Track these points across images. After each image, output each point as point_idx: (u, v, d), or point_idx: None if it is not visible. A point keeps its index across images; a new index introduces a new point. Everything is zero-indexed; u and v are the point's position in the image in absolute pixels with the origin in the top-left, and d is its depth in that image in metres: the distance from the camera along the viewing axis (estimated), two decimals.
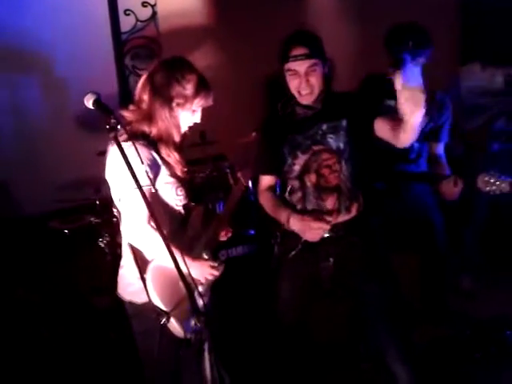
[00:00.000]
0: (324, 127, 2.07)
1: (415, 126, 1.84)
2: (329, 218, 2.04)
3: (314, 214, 2.07)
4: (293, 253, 2.13)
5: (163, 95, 1.77)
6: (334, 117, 2.07)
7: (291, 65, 2.02)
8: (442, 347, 2.79)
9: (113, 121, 1.50)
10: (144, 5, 4.22)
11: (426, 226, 2.92)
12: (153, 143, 1.75)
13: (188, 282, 1.43)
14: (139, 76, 4.29)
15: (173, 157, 1.80)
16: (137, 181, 1.63)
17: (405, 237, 2.86)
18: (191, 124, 1.89)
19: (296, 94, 2.08)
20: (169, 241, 1.66)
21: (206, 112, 3.80)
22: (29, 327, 3.04)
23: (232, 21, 4.46)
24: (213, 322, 1.42)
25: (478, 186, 2.12)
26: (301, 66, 2.01)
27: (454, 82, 3.57)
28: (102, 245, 3.17)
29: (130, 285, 1.82)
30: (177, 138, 1.84)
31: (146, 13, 4.23)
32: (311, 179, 2.09)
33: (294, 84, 2.05)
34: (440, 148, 2.95)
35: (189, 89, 1.78)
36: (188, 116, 1.84)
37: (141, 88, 1.82)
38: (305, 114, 2.12)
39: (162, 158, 1.76)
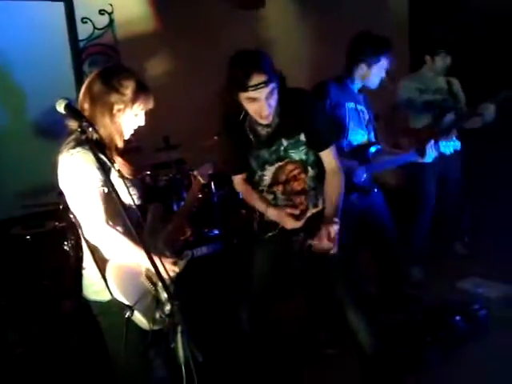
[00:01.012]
0: (285, 143, 2.20)
1: None
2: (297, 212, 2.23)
3: (291, 210, 2.24)
4: (269, 234, 2.32)
5: (102, 103, 1.82)
6: (292, 132, 2.19)
7: (251, 94, 2.00)
8: (396, 331, 2.96)
9: (84, 124, 1.58)
10: (101, 12, 4.27)
11: (376, 223, 3.12)
12: (99, 147, 1.74)
13: (159, 272, 1.52)
14: None
15: (117, 162, 1.84)
16: (91, 182, 1.74)
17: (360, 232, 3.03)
18: (135, 127, 1.94)
19: (256, 117, 2.11)
20: (130, 237, 1.76)
21: (168, 117, 3.91)
22: None
23: (189, 27, 4.56)
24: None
25: None
26: (261, 93, 2.00)
27: (399, 86, 3.80)
28: (67, 248, 3.19)
29: (93, 285, 1.88)
30: (120, 143, 1.89)
31: (103, 20, 4.28)
32: (279, 188, 2.28)
33: (253, 109, 2.07)
34: None
35: (127, 94, 1.83)
36: (131, 120, 1.90)
37: (82, 97, 1.87)
38: (266, 133, 2.21)
39: (109, 160, 1.77)
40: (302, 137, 2.19)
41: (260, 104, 2.03)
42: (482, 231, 4.23)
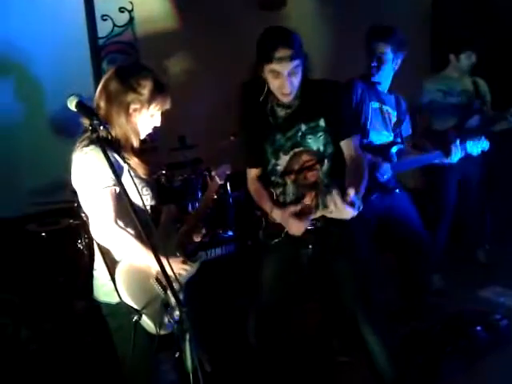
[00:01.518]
0: (303, 128, 2.12)
1: None
2: (307, 214, 2.10)
3: (294, 207, 2.11)
4: (276, 240, 2.22)
5: (119, 102, 1.79)
6: (312, 116, 2.12)
7: (275, 66, 1.99)
8: (415, 341, 2.88)
9: (95, 122, 1.54)
10: (121, 10, 4.25)
11: (400, 225, 3.02)
12: (114, 146, 1.76)
13: (168, 276, 1.48)
14: None
15: (132, 161, 1.82)
16: (103, 181, 1.70)
17: (383, 237, 2.95)
18: (152, 127, 1.91)
19: (277, 93, 2.08)
20: (139, 238, 1.72)
21: (185, 116, 3.88)
22: (7, 329, 3.02)
23: (209, 25, 4.53)
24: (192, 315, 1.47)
25: None
26: (284, 68, 1.99)
27: (422, 86, 3.71)
28: (81, 247, 3.18)
29: (103, 286, 1.85)
30: (135, 143, 1.85)
31: (123, 18, 4.26)
32: (291, 178, 2.18)
33: (275, 84, 2.04)
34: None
35: (144, 94, 1.80)
36: (147, 120, 1.86)
37: (98, 95, 1.84)
38: (285, 115, 2.15)
39: (123, 161, 1.77)
40: (322, 122, 2.11)
41: (282, 80, 2.01)
42: (504, 238, 4.12)
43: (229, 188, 3.62)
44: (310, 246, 2.19)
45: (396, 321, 3.00)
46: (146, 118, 1.85)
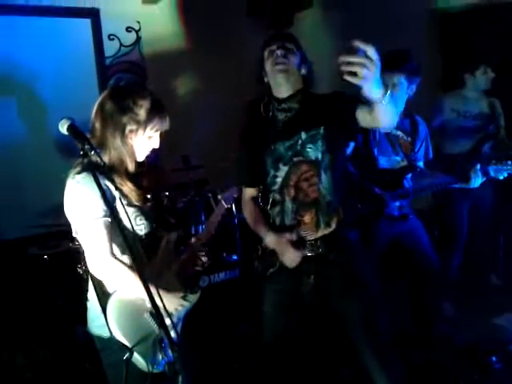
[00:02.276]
0: (303, 137, 2.04)
1: (385, 108, 1.77)
2: (304, 243, 2.04)
3: (290, 235, 2.04)
4: (271, 270, 2.12)
5: (114, 123, 1.72)
6: (313, 125, 2.05)
7: (271, 46, 2.06)
8: (426, 374, 2.75)
9: (87, 147, 1.48)
10: (128, 30, 4.25)
11: (412, 252, 2.92)
12: (106, 172, 1.68)
13: (159, 311, 1.39)
14: None
15: (126, 186, 1.74)
16: (94, 213, 1.63)
17: (394, 263, 2.85)
18: (149, 150, 1.83)
19: (273, 72, 2.05)
20: (134, 270, 1.64)
21: (189, 136, 3.82)
22: (4, 354, 2.95)
23: (217, 45, 4.51)
24: (185, 354, 1.38)
25: None
26: (279, 49, 2.04)
27: (436, 106, 3.61)
28: (81, 271, 3.10)
29: (95, 319, 1.77)
30: (130, 167, 1.77)
31: (130, 38, 4.26)
32: (290, 193, 2.07)
33: (270, 61, 2.05)
34: None
35: (141, 114, 1.73)
36: (144, 142, 1.78)
37: (94, 116, 1.77)
38: (285, 118, 2.09)
39: (117, 188, 1.70)
40: (322, 130, 2.04)
41: (277, 55, 2.03)
42: None
43: (234, 209, 3.53)
44: (312, 277, 2.08)
45: (405, 352, 2.87)
46: (143, 140, 1.78)
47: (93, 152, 1.48)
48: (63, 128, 1.52)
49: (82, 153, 1.48)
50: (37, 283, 3.33)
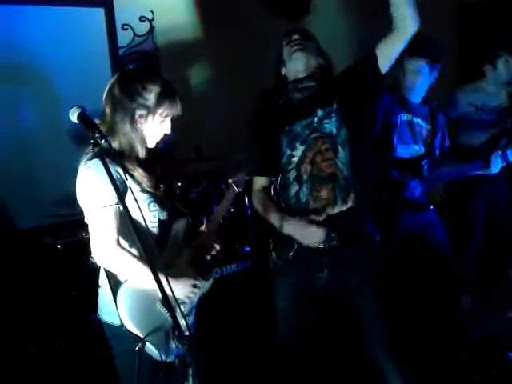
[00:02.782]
0: (319, 113, 2.03)
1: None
2: (320, 218, 1.99)
3: (306, 217, 2.01)
4: (283, 262, 2.09)
5: (124, 108, 1.70)
6: (328, 101, 2.03)
7: (289, 36, 2.09)
8: (442, 369, 2.71)
9: (97, 135, 1.46)
10: (142, 19, 4.23)
11: (433, 245, 2.87)
12: (117, 158, 1.67)
13: (169, 303, 1.37)
14: None
15: (137, 172, 1.72)
16: (104, 200, 1.61)
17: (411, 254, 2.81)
18: (161, 135, 1.81)
19: (290, 54, 2.06)
20: (143, 260, 1.61)
21: (202, 127, 3.79)
22: (19, 344, 2.97)
23: (229, 35, 4.46)
24: (197, 345, 1.36)
25: None
26: (298, 44, 2.06)
27: (453, 98, 3.53)
28: (94, 261, 3.10)
29: (106, 305, 1.76)
30: (141, 153, 1.76)
31: (143, 27, 4.24)
32: (306, 169, 2.04)
33: (288, 46, 2.07)
34: None
35: (150, 99, 1.70)
36: (155, 127, 1.76)
37: (104, 101, 1.76)
38: (302, 96, 2.07)
39: (129, 174, 1.68)
40: (335, 104, 2.02)
41: (301, 55, 2.04)
42: None
43: (246, 200, 3.51)
44: (326, 271, 2.04)
45: (422, 346, 2.83)
46: (153, 126, 1.75)
47: (103, 141, 1.45)
48: (73, 116, 1.50)
49: (92, 141, 1.45)
50: (50, 273, 3.35)
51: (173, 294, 1.44)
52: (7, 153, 3.61)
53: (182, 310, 1.59)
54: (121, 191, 1.53)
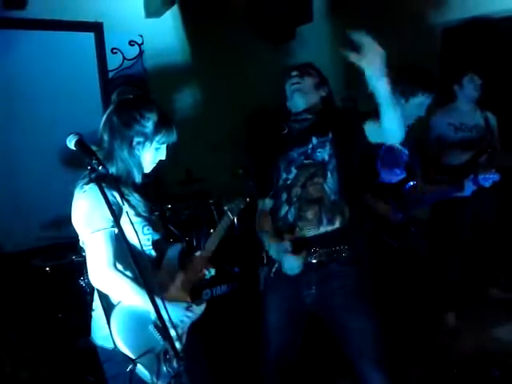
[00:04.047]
0: (314, 142, 2.14)
1: (394, 115, 1.88)
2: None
3: (288, 236, 2.09)
4: (273, 270, 2.15)
5: (122, 135, 1.75)
6: (324, 131, 2.15)
7: (289, 72, 2.22)
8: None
9: (94, 162, 1.50)
10: (131, 43, 4.30)
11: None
12: (114, 183, 1.70)
13: (164, 324, 1.40)
14: None
15: (132, 197, 1.77)
16: (100, 223, 1.65)
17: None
18: (156, 161, 1.86)
19: (290, 90, 2.20)
20: (138, 281, 1.65)
21: (190, 149, 3.84)
22: (6, 367, 2.94)
23: (217, 59, 4.55)
24: (190, 365, 1.39)
25: None
26: (295, 70, 2.22)
27: (432, 121, 3.64)
28: (83, 284, 3.11)
29: (100, 329, 1.78)
30: (137, 178, 1.81)
31: (133, 51, 4.31)
32: (297, 192, 2.14)
33: (288, 83, 2.22)
34: None
35: (148, 127, 1.76)
36: (151, 154, 1.81)
37: (102, 128, 1.80)
38: (300, 127, 2.21)
39: (124, 199, 1.72)
40: (330, 134, 2.14)
41: (299, 96, 2.18)
42: None
43: (235, 221, 3.55)
44: (314, 287, 2.09)
45: (407, 364, 2.87)
46: (150, 152, 1.81)
47: (100, 167, 1.49)
48: (71, 143, 1.54)
49: (89, 168, 1.49)
50: (38, 296, 3.33)
51: (168, 316, 1.47)
52: None
53: (175, 333, 1.61)
54: (117, 215, 1.57)
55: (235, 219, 3.50)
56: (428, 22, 4.80)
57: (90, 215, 1.67)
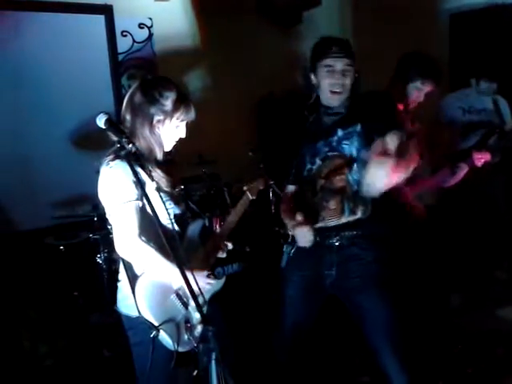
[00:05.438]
0: (339, 133, 2.14)
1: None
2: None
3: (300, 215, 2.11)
4: (294, 249, 2.19)
5: (143, 114, 1.83)
6: (351, 122, 2.13)
7: (330, 61, 2.07)
8: (435, 363, 2.83)
9: (124, 140, 1.56)
10: (141, 26, 4.33)
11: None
12: (137, 160, 1.71)
13: (193, 290, 1.47)
14: None
15: (155, 173, 1.83)
16: (126, 196, 1.72)
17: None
18: (176, 139, 1.93)
19: (327, 93, 2.12)
20: (163, 252, 1.72)
21: (200, 132, 3.88)
22: (25, 343, 3.03)
23: (226, 43, 4.58)
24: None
25: None
26: (338, 63, 2.07)
27: (443, 103, 3.70)
28: (100, 261, 3.18)
29: (125, 298, 1.85)
30: (159, 155, 1.88)
31: (142, 34, 4.34)
32: (320, 182, 2.16)
33: (328, 81, 2.10)
34: None
35: (167, 105, 1.83)
36: (171, 132, 1.89)
37: (124, 108, 1.88)
38: (329, 121, 2.19)
39: (147, 174, 1.76)
40: (359, 127, 2.12)
41: (336, 77, 2.08)
42: None
43: None
44: (334, 269, 2.14)
45: (416, 341, 2.95)
46: (170, 130, 1.88)
47: (129, 145, 1.55)
48: (101, 122, 1.59)
49: (119, 145, 1.55)
50: (53, 274, 3.41)
51: (193, 284, 1.53)
52: (9, 156, 3.68)
53: (200, 300, 1.68)
54: (143, 188, 1.64)
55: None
56: (436, 8, 4.82)
57: (116, 188, 1.74)
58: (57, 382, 2.81)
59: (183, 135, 1.93)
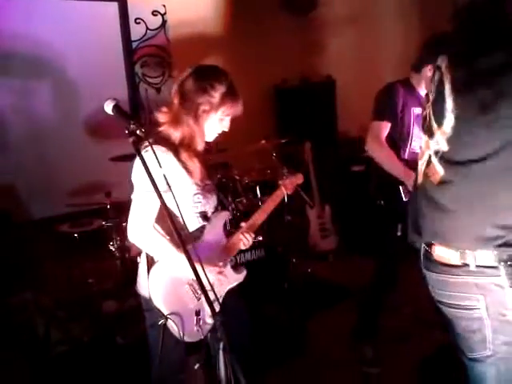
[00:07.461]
0: None
1: None
2: None
3: None
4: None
5: (190, 101, 1.82)
6: None
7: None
8: (448, 353, 2.79)
9: (132, 126, 1.54)
10: (154, 13, 4.30)
11: None
12: (173, 148, 1.78)
13: (202, 283, 1.45)
14: (149, 83, 4.37)
15: (192, 163, 1.82)
16: (152, 185, 1.69)
17: None
18: (219, 132, 1.91)
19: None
20: (174, 243, 1.71)
21: None
22: (39, 330, 3.06)
23: (240, 30, 4.54)
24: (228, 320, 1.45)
25: None
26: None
27: None
28: (113, 249, 3.20)
29: (144, 279, 1.85)
30: (200, 146, 1.87)
31: (156, 21, 4.32)
32: None
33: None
34: None
35: (215, 97, 1.81)
36: (215, 124, 1.87)
37: (173, 92, 1.87)
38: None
39: (182, 164, 1.78)
40: None
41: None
42: None
43: (259, 192, 3.58)
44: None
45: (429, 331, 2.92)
46: (213, 122, 1.86)
47: (139, 131, 1.52)
48: (108, 108, 1.57)
49: (127, 132, 1.53)
50: (67, 261, 3.43)
51: (203, 278, 1.51)
52: (23, 144, 3.71)
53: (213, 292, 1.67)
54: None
55: (257, 190, 3.53)
56: None
57: (141, 177, 1.71)
58: (69, 369, 2.83)
59: (226, 129, 1.91)
